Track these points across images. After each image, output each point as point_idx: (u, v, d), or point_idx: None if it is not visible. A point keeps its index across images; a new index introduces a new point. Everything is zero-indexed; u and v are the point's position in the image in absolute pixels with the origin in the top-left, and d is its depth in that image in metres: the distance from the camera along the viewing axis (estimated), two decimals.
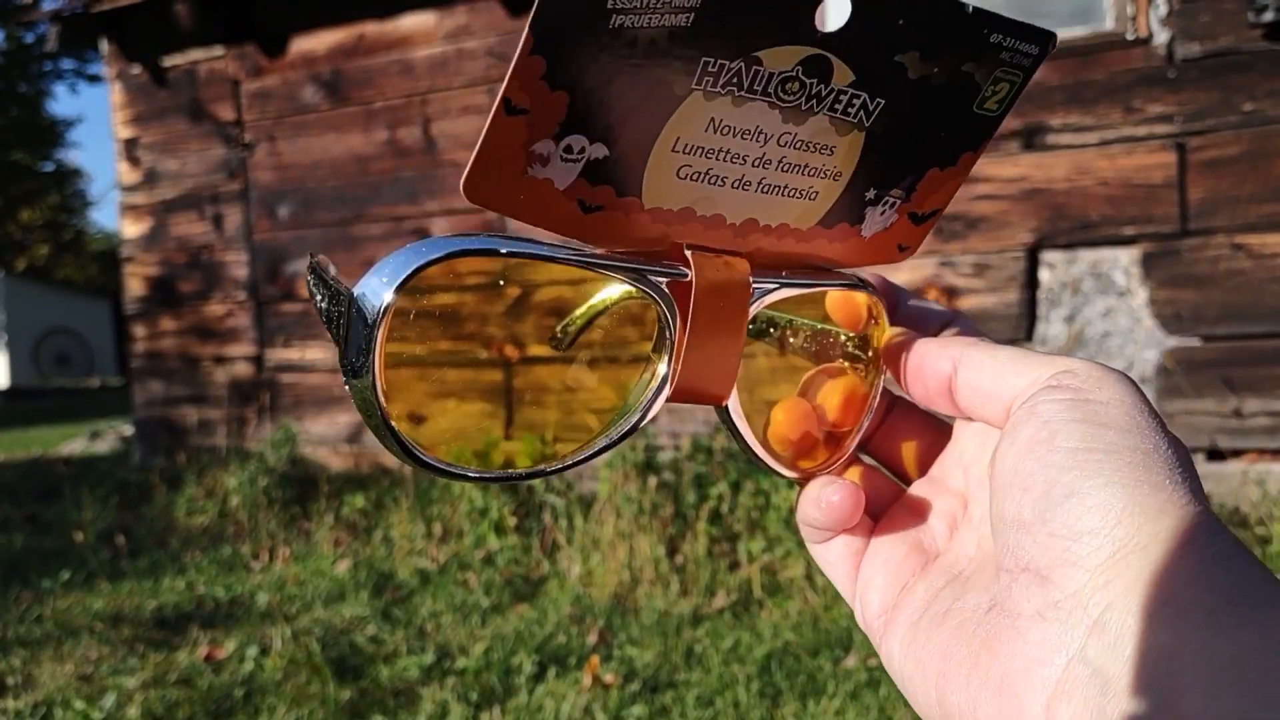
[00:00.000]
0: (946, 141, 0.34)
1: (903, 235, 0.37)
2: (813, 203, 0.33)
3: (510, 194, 0.29)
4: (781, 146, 0.31)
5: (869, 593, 0.35)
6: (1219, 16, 2.98)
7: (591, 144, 0.28)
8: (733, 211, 0.32)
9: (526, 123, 0.27)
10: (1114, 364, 3.13)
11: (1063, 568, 0.26)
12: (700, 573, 2.97)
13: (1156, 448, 0.27)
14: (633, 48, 0.27)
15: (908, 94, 0.31)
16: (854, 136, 0.32)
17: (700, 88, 0.28)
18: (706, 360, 0.32)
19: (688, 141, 0.30)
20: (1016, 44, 0.31)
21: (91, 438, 7.20)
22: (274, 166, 4.53)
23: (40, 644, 2.71)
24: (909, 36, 0.30)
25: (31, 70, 16.75)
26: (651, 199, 0.31)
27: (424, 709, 2.20)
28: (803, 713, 2.13)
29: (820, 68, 0.29)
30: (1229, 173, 3.00)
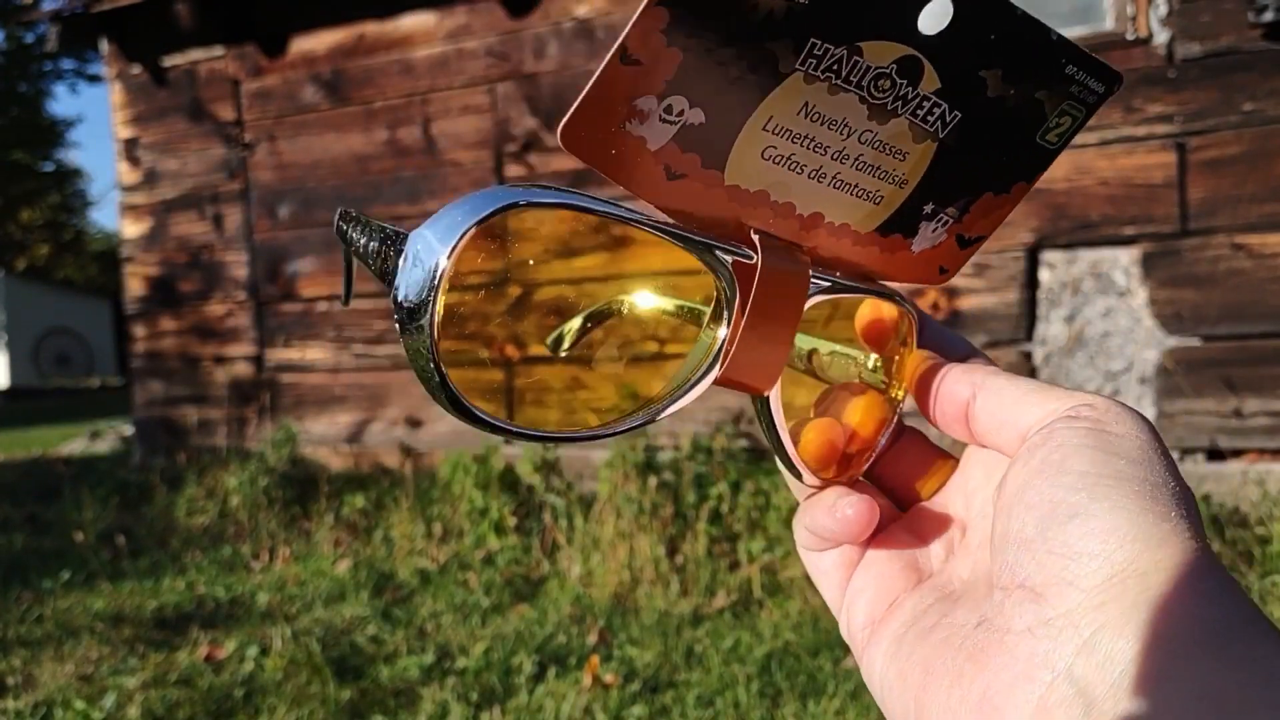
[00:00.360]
0: (1006, 167, 0.34)
1: (946, 257, 0.37)
2: (876, 206, 0.33)
3: (604, 146, 0.29)
4: (861, 143, 0.31)
5: (857, 603, 0.35)
6: (1219, 16, 2.98)
7: (691, 108, 0.28)
8: (804, 202, 0.32)
9: (636, 74, 0.27)
10: (1114, 364, 3.14)
11: (1058, 586, 0.26)
12: (700, 573, 2.97)
13: (1165, 482, 0.28)
14: (752, 16, 0.27)
15: (983, 112, 0.32)
16: (926, 146, 0.32)
17: (803, 69, 0.29)
18: (759, 346, 0.32)
19: (779, 122, 0.30)
20: (1087, 79, 0.32)
21: (91, 438, 7.20)
22: (274, 166, 4.53)
23: (40, 644, 2.71)
24: (996, 53, 0.30)
25: (31, 70, 16.75)
26: (733, 175, 0.31)
27: (424, 709, 2.20)
28: (803, 713, 2.13)
29: (912, 70, 0.30)
30: (1229, 173, 3.00)
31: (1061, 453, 0.29)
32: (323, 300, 4.46)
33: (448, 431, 4.21)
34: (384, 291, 0.30)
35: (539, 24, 3.95)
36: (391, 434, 4.34)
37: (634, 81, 0.28)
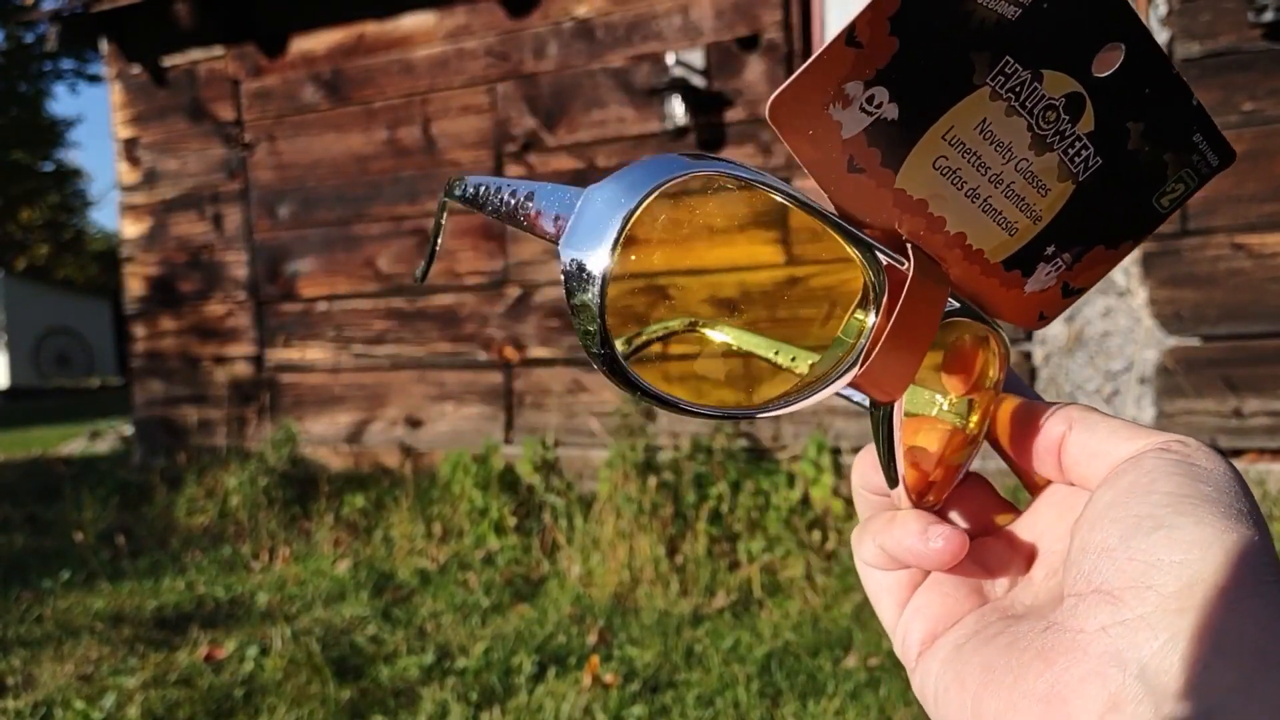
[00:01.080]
0: (1122, 224, 0.35)
1: (1049, 303, 0.37)
2: (1010, 238, 0.34)
3: (804, 124, 0.29)
4: (1016, 171, 0.32)
5: (916, 619, 0.35)
6: (1219, 16, 2.98)
7: (890, 102, 0.29)
8: (954, 220, 0.33)
9: (856, 57, 0.28)
10: (1114, 364, 3.14)
11: (1136, 590, 0.26)
12: (700, 573, 2.97)
13: (1250, 512, 0.28)
14: (967, 21, 0.28)
15: (1120, 163, 0.33)
16: (1066, 186, 0.33)
17: (991, 84, 0.29)
18: (896, 354, 0.32)
19: (957, 134, 0.31)
20: (1207, 150, 0.33)
21: (91, 438, 7.20)
22: (274, 166, 4.53)
23: (40, 644, 2.71)
24: (1146, 107, 0.31)
25: (31, 70, 16.75)
26: (903, 179, 0.31)
27: (424, 709, 2.20)
28: (803, 713, 2.13)
29: (1077, 107, 0.31)
30: (1229, 172, 3.00)
31: (1150, 476, 0.29)
32: (322, 300, 4.46)
33: (448, 431, 4.21)
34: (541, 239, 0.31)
35: (539, 24, 3.95)
36: (391, 434, 4.34)
37: (851, 64, 0.28)
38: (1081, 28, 0.29)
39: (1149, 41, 0.30)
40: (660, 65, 3.69)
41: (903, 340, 0.32)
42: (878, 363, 0.32)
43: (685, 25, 3.69)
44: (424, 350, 4.25)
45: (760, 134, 3.60)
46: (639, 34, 3.77)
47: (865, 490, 0.38)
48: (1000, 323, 0.37)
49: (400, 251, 4.28)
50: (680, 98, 3.54)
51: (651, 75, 3.72)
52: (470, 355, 4.16)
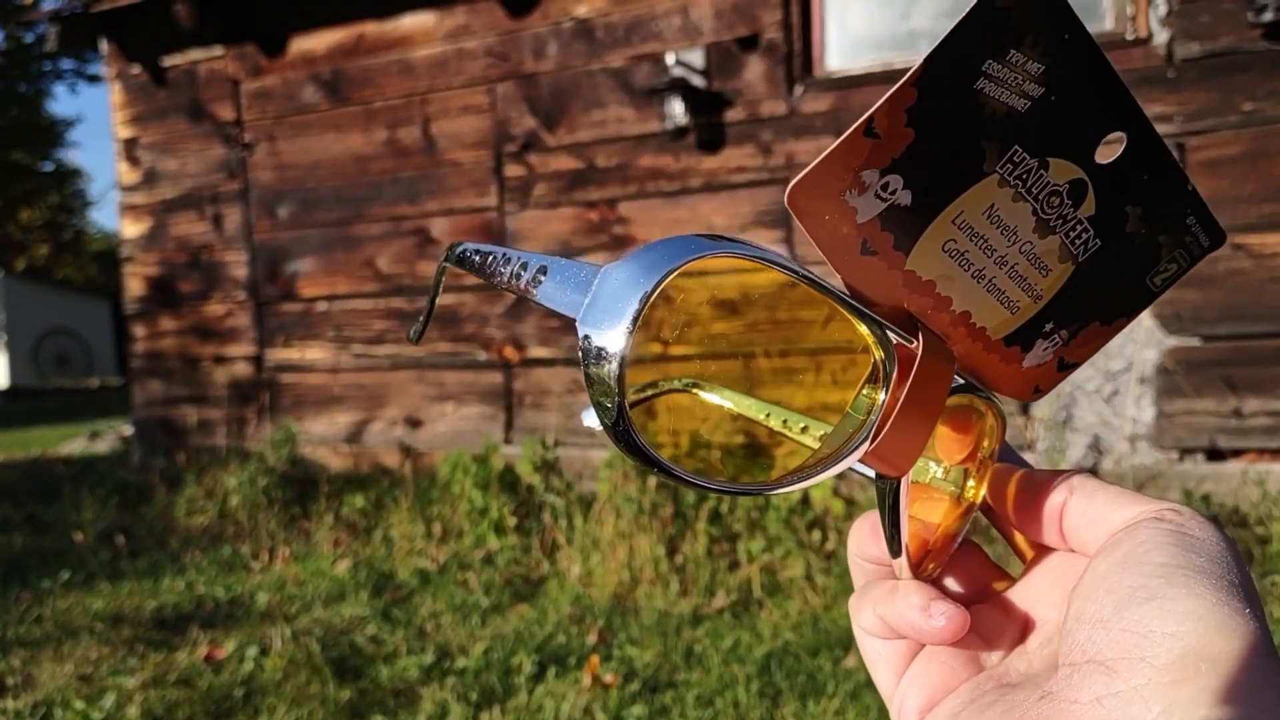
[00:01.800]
0: (1117, 301, 0.36)
1: (1044, 377, 0.38)
2: (1012, 316, 0.35)
3: (821, 210, 0.30)
4: (1020, 253, 0.33)
5: (914, 689, 0.35)
6: (1218, 16, 2.98)
7: (904, 189, 0.30)
8: (960, 300, 0.34)
9: (872, 147, 0.29)
10: (1114, 364, 3.14)
11: (1130, 661, 0.27)
12: (700, 573, 2.97)
13: (1242, 584, 0.29)
14: (979, 113, 0.29)
15: (1117, 245, 0.34)
16: (1066, 267, 0.34)
17: (1000, 172, 0.31)
18: (906, 430, 0.33)
19: (967, 219, 0.32)
20: (1199, 232, 0.34)
21: (91, 438, 7.20)
22: (274, 166, 4.53)
23: (40, 644, 2.71)
24: (1143, 192, 0.33)
25: (31, 70, 16.75)
26: (914, 262, 0.32)
27: (424, 709, 2.20)
28: (803, 713, 2.13)
29: (1079, 193, 0.32)
30: (1229, 173, 3.00)
31: (1145, 547, 0.30)
32: (322, 300, 4.46)
33: (447, 431, 4.21)
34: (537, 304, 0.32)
35: (538, 24, 3.95)
36: (391, 434, 4.34)
37: (868, 154, 0.29)
38: (1086, 118, 0.31)
39: (1148, 129, 0.32)
40: (660, 65, 3.69)
41: (912, 417, 0.33)
42: (888, 439, 0.32)
43: (685, 25, 3.69)
44: (424, 350, 4.25)
45: (759, 134, 3.60)
46: (639, 34, 3.77)
47: (861, 559, 0.38)
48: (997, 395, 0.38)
49: (400, 252, 4.28)
50: (680, 98, 3.54)
51: (651, 75, 3.72)
52: (470, 355, 4.16)
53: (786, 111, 3.56)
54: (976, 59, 0.29)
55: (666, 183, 3.76)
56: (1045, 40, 0.29)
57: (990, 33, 0.29)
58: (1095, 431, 3.17)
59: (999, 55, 0.29)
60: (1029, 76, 0.29)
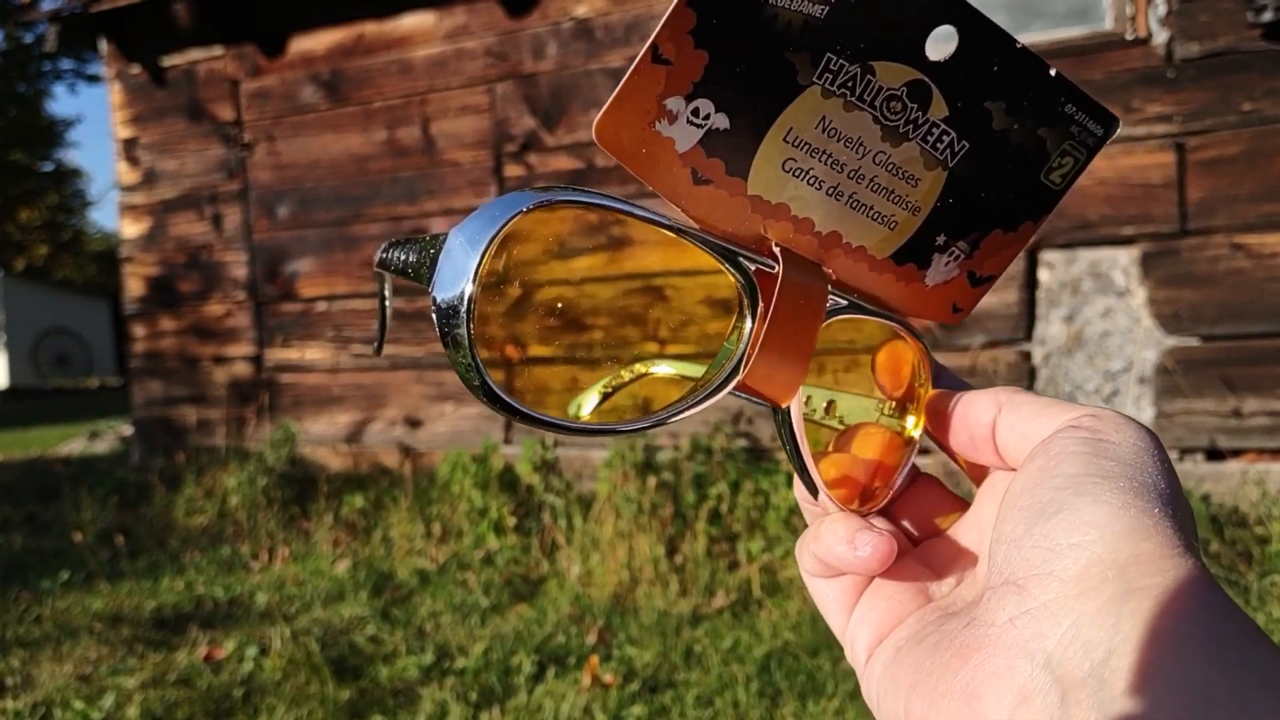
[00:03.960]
0: (1014, 205, 0.35)
1: (959, 295, 0.37)
2: (891, 232, 0.34)
3: (635, 143, 0.30)
4: (876, 164, 0.32)
5: (862, 626, 0.35)
6: (1218, 16, 2.98)
7: (717, 112, 0.29)
8: (822, 219, 0.33)
9: (667, 74, 0.28)
10: (1113, 364, 3.14)
11: (1039, 578, 0.26)
12: (700, 573, 2.97)
13: (1155, 484, 0.28)
14: (773, 25, 0.28)
15: (989, 144, 0.33)
16: (937, 174, 0.33)
17: (820, 83, 0.30)
18: (779, 356, 0.33)
19: (798, 135, 0.31)
20: (1085, 120, 0.33)
21: (91, 438, 7.20)
22: (273, 166, 4.53)
23: (39, 644, 2.71)
24: (1000, 85, 0.31)
25: (31, 70, 16.74)
26: (755, 185, 0.31)
27: (423, 709, 2.20)
28: (802, 713, 2.13)
29: (922, 94, 0.31)
30: (1228, 172, 3.00)
31: (1056, 459, 0.29)
32: (321, 300, 4.46)
33: (447, 431, 4.21)
34: None
35: (538, 24, 3.95)
36: (390, 434, 4.33)
37: (664, 80, 0.28)
38: (901, 17, 0.29)
39: (981, 20, 0.30)
40: None
41: (783, 340, 0.32)
42: (760, 365, 0.32)
43: None
44: (423, 350, 4.25)
45: None
46: (638, 34, 3.77)
47: (804, 502, 0.38)
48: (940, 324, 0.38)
49: None
50: None
51: None
52: None
53: None
54: None
55: None
56: None
57: None
58: None
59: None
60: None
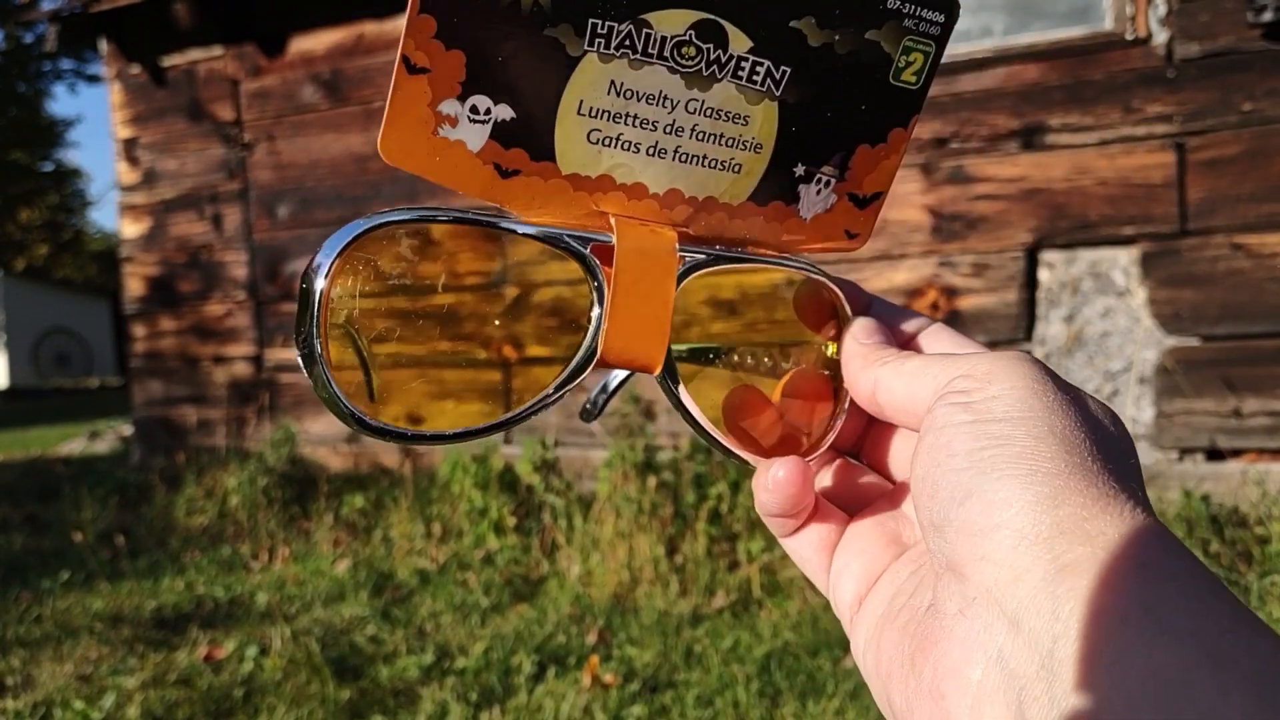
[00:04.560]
0: (870, 115, 0.33)
1: (847, 219, 0.36)
2: (738, 176, 0.33)
3: (425, 155, 0.29)
4: (691, 113, 0.31)
5: (843, 580, 0.35)
6: (1218, 16, 2.98)
7: (496, 104, 0.29)
8: (654, 181, 0.32)
9: (429, 81, 0.28)
10: (1113, 364, 3.14)
11: (974, 563, 0.26)
12: (700, 572, 2.97)
13: (1051, 430, 0.27)
14: (518, 9, 0.27)
15: (814, 62, 0.31)
16: (767, 106, 0.32)
17: (593, 49, 0.29)
18: (633, 325, 0.32)
19: (592, 104, 0.30)
20: (919, 11, 0.31)
21: (91, 438, 7.20)
22: (273, 166, 4.53)
23: (40, 644, 2.71)
24: (801, 2, 0.30)
25: (31, 70, 16.73)
26: (567, 164, 0.31)
27: (424, 709, 2.20)
28: (802, 713, 2.13)
29: (715, 33, 0.29)
30: (1228, 172, 3.00)
31: (945, 435, 0.29)
32: None
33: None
34: None
35: None
36: None
37: (429, 88, 0.28)
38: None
39: None
40: None
41: (632, 307, 0.32)
42: (615, 337, 0.32)
43: None
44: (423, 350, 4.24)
45: None
46: None
47: None
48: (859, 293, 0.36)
49: None
50: None
51: None
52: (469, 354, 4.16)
53: None
54: None
55: None
56: None
57: None
58: None
59: None
60: None
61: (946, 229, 3.34)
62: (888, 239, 3.40)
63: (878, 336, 0.35)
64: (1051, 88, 3.17)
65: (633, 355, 0.33)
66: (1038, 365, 0.29)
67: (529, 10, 0.28)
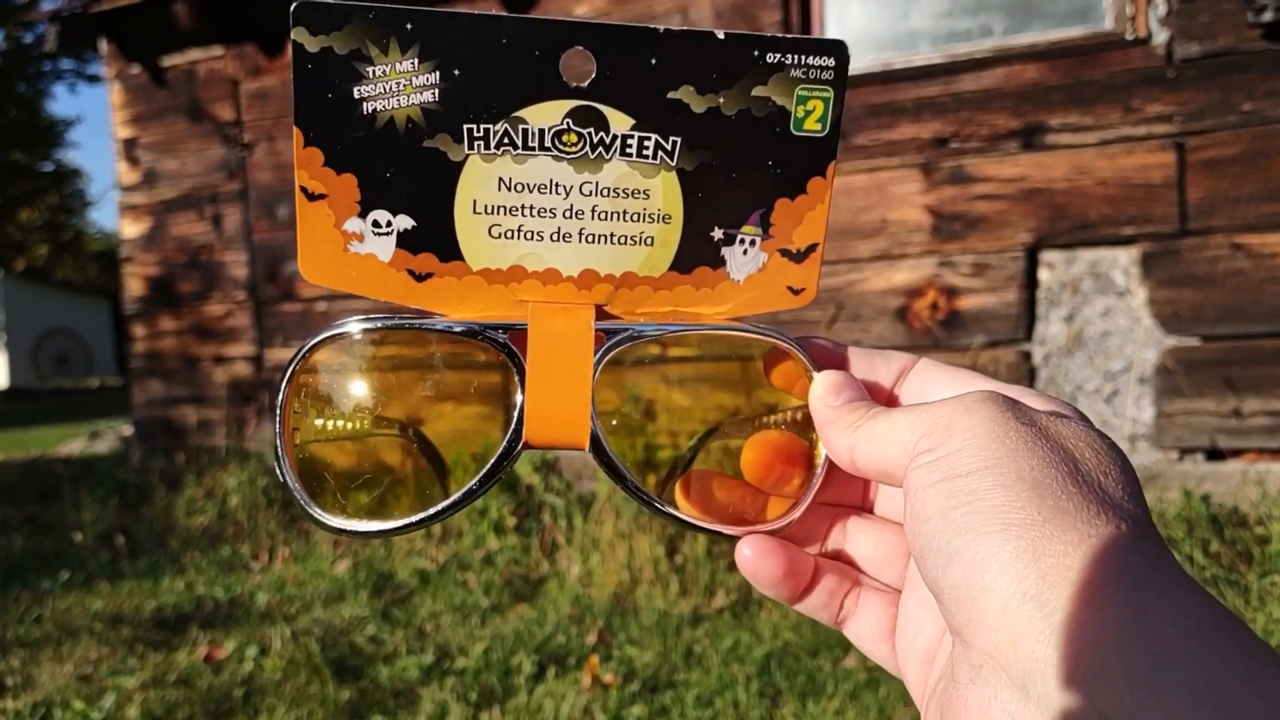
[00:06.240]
0: (782, 169, 0.32)
1: (785, 276, 0.35)
2: (652, 248, 0.33)
3: (341, 272, 0.31)
4: (587, 196, 0.31)
5: (908, 664, 0.35)
6: (1218, 16, 2.98)
7: (395, 216, 0.31)
8: (566, 264, 0.33)
9: (329, 205, 0.30)
10: (1113, 364, 3.14)
11: (971, 628, 0.26)
12: (700, 573, 2.97)
13: (1019, 475, 0.27)
14: (393, 129, 0.29)
15: (703, 128, 0.31)
16: (665, 177, 0.32)
17: (474, 151, 0.30)
18: (552, 408, 0.33)
19: (485, 202, 0.31)
20: (804, 59, 0.30)
21: (91, 438, 7.20)
22: (273, 166, 4.53)
23: (40, 644, 2.71)
24: (672, 74, 0.30)
25: (31, 70, 16.74)
26: (477, 260, 0.32)
27: (424, 709, 2.20)
28: (802, 713, 2.13)
29: (593, 117, 0.30)
30: (1228, 172, 3.00)
31: (919, 499, 0.28)
32: (322, 300, 4.46)
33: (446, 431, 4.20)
34: None
35: None
36: None
37: (331, 211, 0.30)
38: (519, 64, 0.29)
39: (601, 29, 0.29)
40: None
41: (551, 390, 0.33)
42: (535, 419, 0.33)
43: (684, 25, 3.68)
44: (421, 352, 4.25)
45: None
46: None
47: None
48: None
49: None
50: None
51: None
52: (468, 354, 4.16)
53: None
54: (340, 93, 0.29)
55: None
56: (397, 41, 0.29)
57: (326, 70, 0.29)
58: None
59: (357, 80, 0.29)
60: (412, 72, 0.29)
61: (946, 229, 3.34)
62: (888, 239, 3.40)
63: (846, 394, 0.34)
64: (1051, 88, 3.17)
65: (556, 436, 0.34)
66: (997, 403, 0.29)
67: (405, 128, 0.29)
